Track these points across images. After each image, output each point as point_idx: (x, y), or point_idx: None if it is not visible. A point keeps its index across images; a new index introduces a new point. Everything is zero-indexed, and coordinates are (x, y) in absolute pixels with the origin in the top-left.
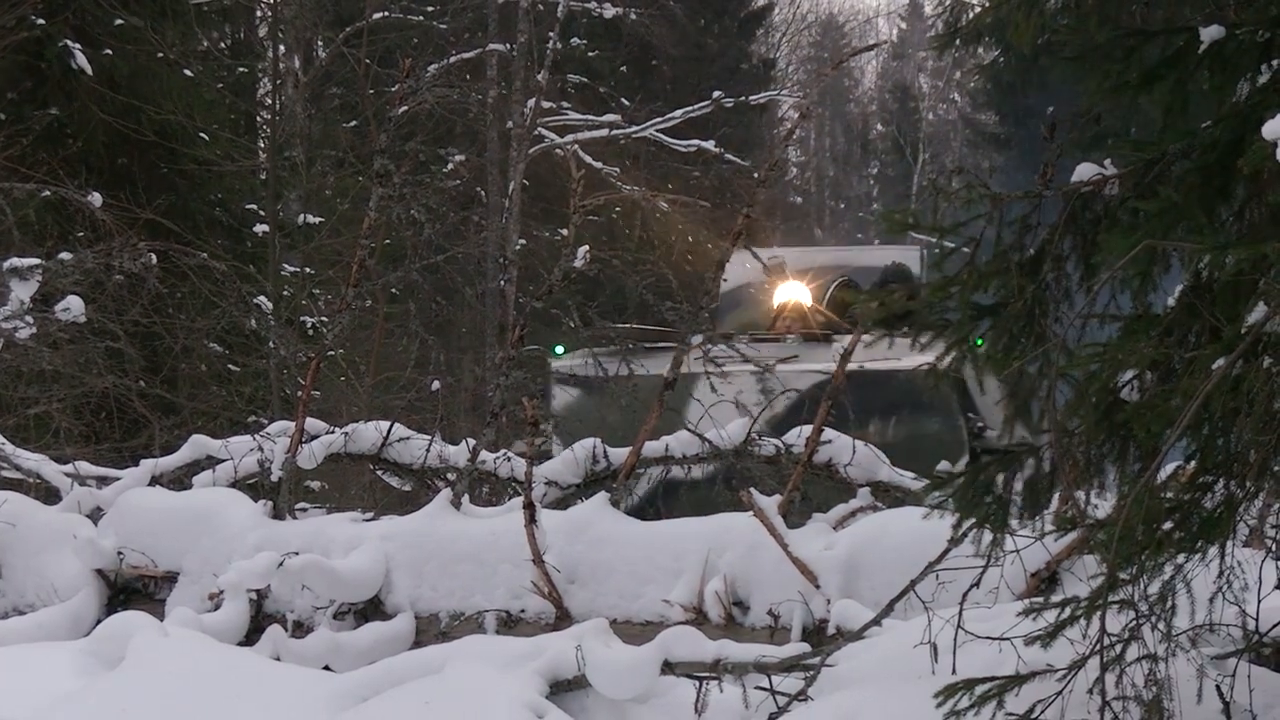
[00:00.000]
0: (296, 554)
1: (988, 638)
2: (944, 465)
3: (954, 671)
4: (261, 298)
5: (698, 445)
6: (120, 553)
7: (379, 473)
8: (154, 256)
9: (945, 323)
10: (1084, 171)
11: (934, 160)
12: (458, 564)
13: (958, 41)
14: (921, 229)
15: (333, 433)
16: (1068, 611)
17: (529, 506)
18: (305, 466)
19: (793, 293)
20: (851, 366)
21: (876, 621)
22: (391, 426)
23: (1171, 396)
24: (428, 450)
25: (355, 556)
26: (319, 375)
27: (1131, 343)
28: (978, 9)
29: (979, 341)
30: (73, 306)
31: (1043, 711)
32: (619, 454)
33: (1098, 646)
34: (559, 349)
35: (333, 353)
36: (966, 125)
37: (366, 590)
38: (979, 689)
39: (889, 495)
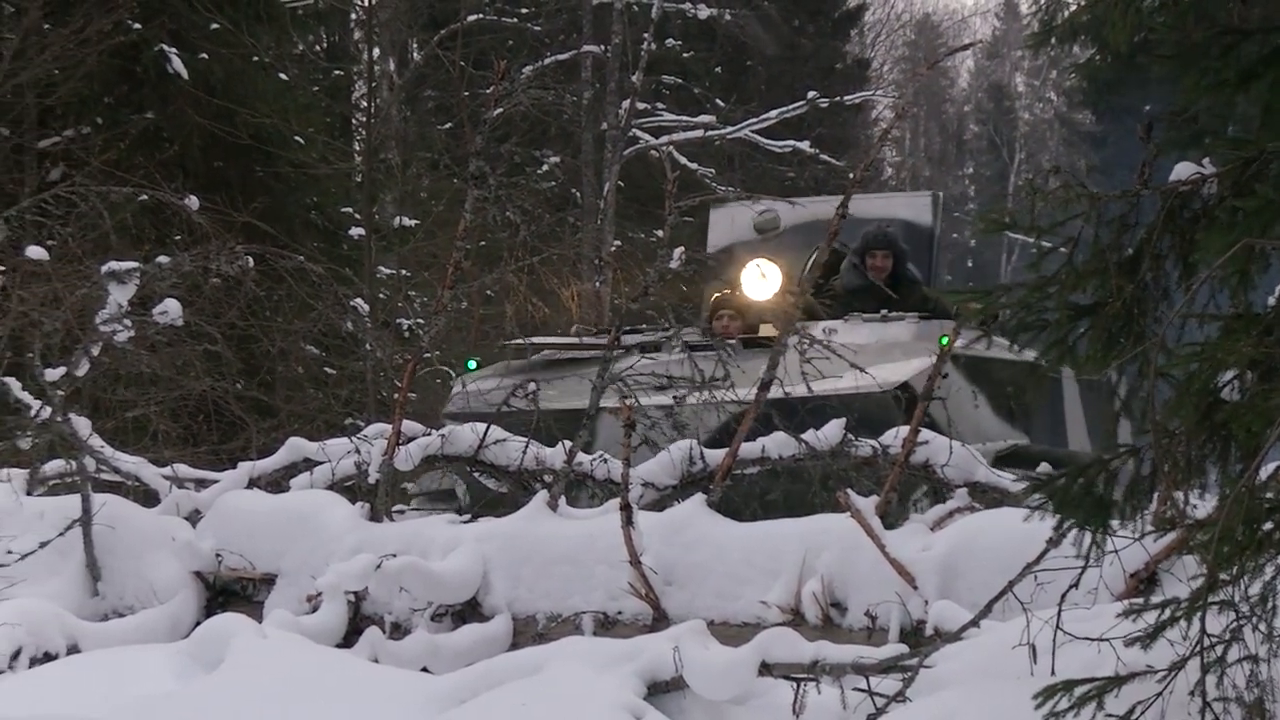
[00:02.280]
0: (394, 556)
1: (1087, 639)
2: (1044, 466)
3: (1053, 673)
4: (358, 300)
5: (794, 446)
6: (219, 555)
7: (475, 475)
8: (251, 260)
9: (1043, 323)
10: (1182, 170)
11: (1030, 160)
12: (555, 565)
13: (1053, 40)
14: (1019, 229)
15: (429, 435)
16: (1168, 612)
17: (625, 508)
18: (402, 469)
19: (756, 273)
20: (775, 394)
21: (975, 622)
22: (488, 428)
23: (1272, 396)
24: (524, 452)
25: (453, 558)
26: (415, 377)
27: (1231, 342)
28: (1073, 7)
29: (944, 340)
30: (170, 309)
31: (1143, 713)
32: (715, 455)
33: (1198, 648)
34: (472, 364)
35: (429, 355)
36: (1062, 124)
37: (464, 592)
38: (1078, 690)
39: (986, 496)
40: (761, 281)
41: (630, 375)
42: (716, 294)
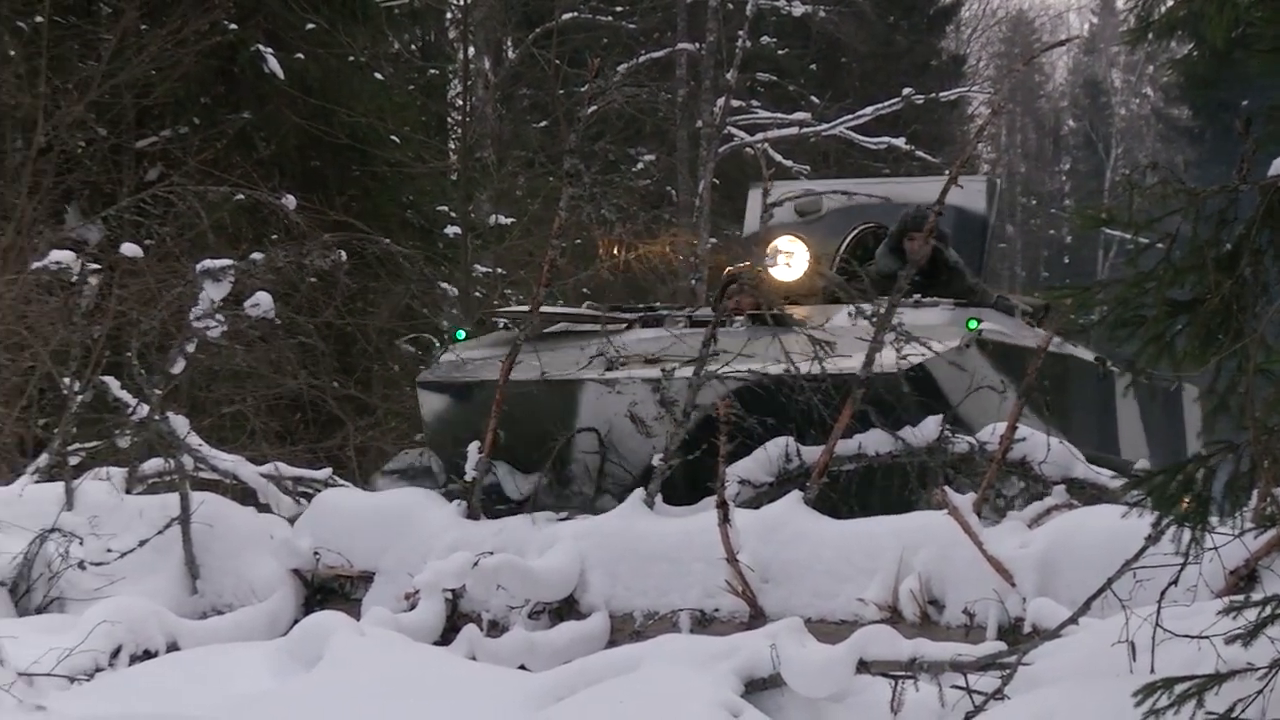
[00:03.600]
0: (491, 554)
1: (1186, 636)
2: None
3: (1152, 670)
4: (446, 285)
5: (891, 443)
6: (316, 553)
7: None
8: (344, 253)
9: (1141, 319)
10: None
11: (1126, 155)
12: (652, 563)
13: (1150, 35)
14: (1116, 225)
15: None
16: (1268, 609)
17: (722, 505)
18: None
19: (785, 247)
20: (777, 370)
21: (1073, 620)
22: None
23: None
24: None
25: (550, 556)
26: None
27: None
28: (1170, 2)
29: (972, 324)
30: (262, 302)
31: (1243, 710)
32: (812, 452)
33: None
34: (461, 334)
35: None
36: (1159, 119)
37: (561, 589)
38: (1178, 688)
39: (1084, 493)
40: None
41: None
42: (729, 269)
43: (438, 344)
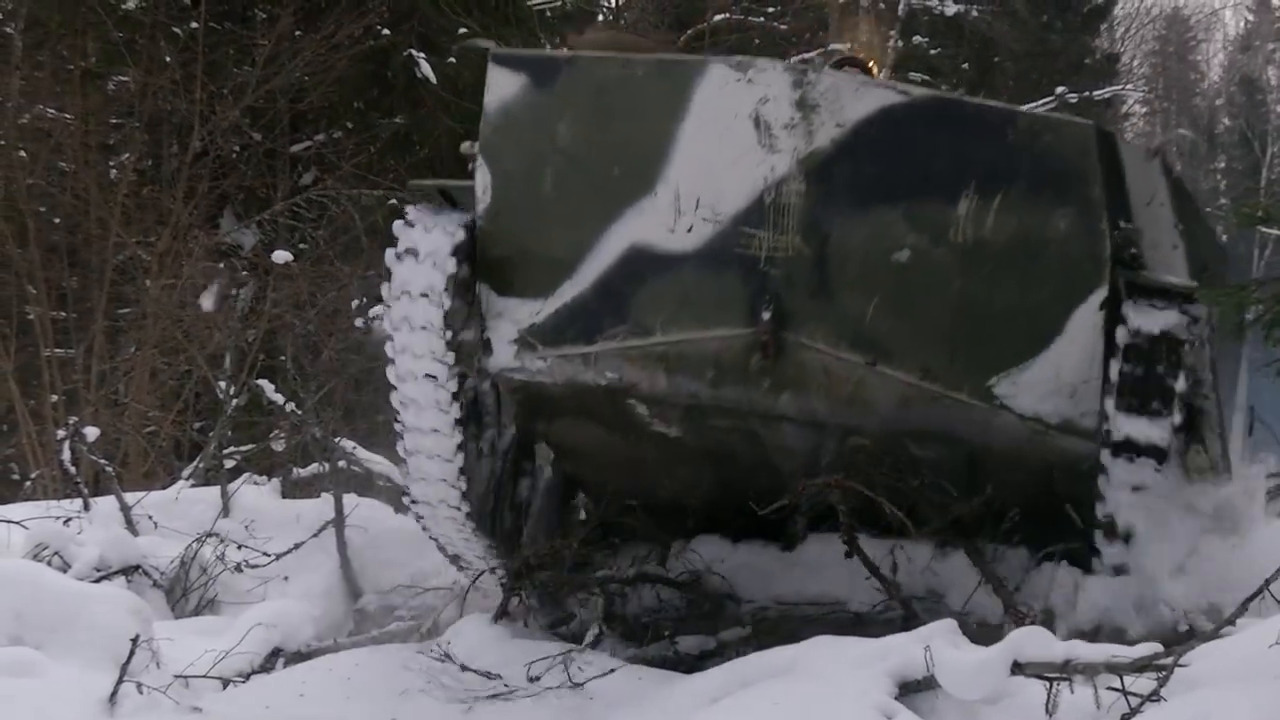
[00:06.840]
0: None
1: None
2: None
3: None
4: None
5: None
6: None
7: None
8: None
9: None
10: None
11: None
12: (800, 567)
13: None
14: (1272, 224)
15: None
16: None
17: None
18: None
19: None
20: (926, 93)
21: (1230, 621)
22: None
23: None
24: None
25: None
26: None
27: None
28: None
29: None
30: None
31: None
32: None
33: None
34: None
35: None
36: None
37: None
38: None
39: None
40: None
41: None
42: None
43: None
